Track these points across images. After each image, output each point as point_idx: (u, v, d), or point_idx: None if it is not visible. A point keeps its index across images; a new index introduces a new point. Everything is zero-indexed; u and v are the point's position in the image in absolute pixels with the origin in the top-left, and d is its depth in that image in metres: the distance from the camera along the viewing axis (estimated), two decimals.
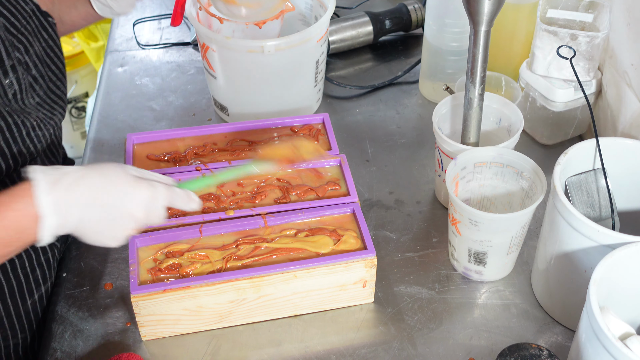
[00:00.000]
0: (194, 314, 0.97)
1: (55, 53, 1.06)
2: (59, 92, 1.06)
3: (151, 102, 1.40)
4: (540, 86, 1.22)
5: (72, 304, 1.04)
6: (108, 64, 1.50)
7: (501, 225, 0.99)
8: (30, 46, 1.00)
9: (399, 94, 1.42)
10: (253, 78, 1.24)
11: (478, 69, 1.04)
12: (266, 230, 1.01)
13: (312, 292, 1.00)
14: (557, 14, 1.20)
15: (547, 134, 1.27)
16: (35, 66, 1.01)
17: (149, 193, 0.83)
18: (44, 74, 1.03)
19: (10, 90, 0.95)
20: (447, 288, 1.06)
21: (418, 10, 1.52)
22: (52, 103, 1.04)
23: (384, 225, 1.15)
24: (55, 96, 1.05)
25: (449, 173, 1.03)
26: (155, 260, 0.97)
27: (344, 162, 1.11)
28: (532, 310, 1.03)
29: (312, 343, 0.99)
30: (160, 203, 0.85)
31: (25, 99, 0.98)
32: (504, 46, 1.31)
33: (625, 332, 0.80)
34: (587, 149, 1.00)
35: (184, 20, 1.58)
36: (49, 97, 1.04)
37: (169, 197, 0.86)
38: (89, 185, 0.81)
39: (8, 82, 0.94)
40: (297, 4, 1.35)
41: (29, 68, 1.00)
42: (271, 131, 1.16)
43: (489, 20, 1.00)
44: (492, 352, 0.97)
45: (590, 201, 1.00)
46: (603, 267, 0.83)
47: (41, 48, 1.03)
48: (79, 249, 1.12)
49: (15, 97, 0.96)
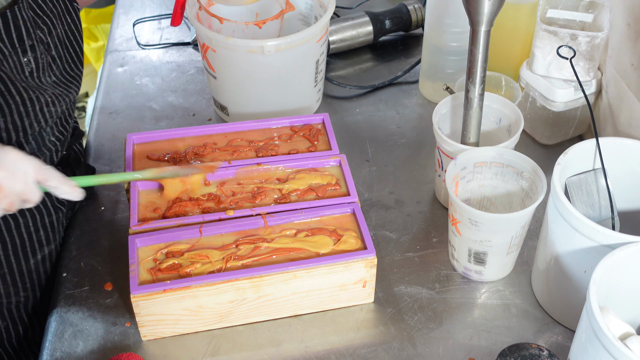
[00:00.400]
0: (194, 314, 0.97)
1: (75, 36, 1.10)
2: (75, 72, 1.11)
3: (151, 102, 1.40)
4: (540, 86, 1.22)
5: (72, 304, 1.04)
6: (108, 64, 1.50)
7: (501, 225, 0.99)
8: (53, 28, 1.04)
9: (399, 94, 1.42)
10: (253, 78, 1.24)
11: (478, 69, 1.04)
12: (266, 230, 1.01)
13: (312, 292, 1.00)
14: (557, 14, 1.20)
15: (547, 134, 1.27)
16: (55, 47, 1.05)
17: None
18: (63, 55, 1.07)
19: (27, 67, 0.99)
20: (447, 288, 1.06)
21: (418, 10, 1.52)
22: (67, 82, 1.08)
23: (384, 225, 1.15)
24: (70, 77, 1.09)
25: (449, 173, 1.03)
26: (155, 260, 0.97)
27: (344, 162, 1.11)
28: (532, 310, 1.03)
29: (312, 343, 0.99)
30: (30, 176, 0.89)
31: (42, 77, 1.02)
32: (504, 46, 1.31)
33: (625, 332, 0.80)
34: (587, 149, 1.00)
35: (184, 20, 1.58)
36: (64, 77, 1.08)
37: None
38: None
39: (26, 60, 0.99)
40: (297, 4, 1.35)
41: (50, 49, 1.03)
42: (271, 131, 1.16)
43: (489, 20, 1.00)
44: (492, 352, 0.97)
45: (590, 201, 1.00)
46: (603, 267, 0.83)
47: (63, 31, 1.07)
48: (79, 249, 1.12)
49: (32, 74, 1.00)
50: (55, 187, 0.91)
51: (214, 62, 1.25)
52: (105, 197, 1.20)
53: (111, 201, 1.19)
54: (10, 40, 0.96)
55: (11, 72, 0.97)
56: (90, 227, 1.16)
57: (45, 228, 1.10)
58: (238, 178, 1.09)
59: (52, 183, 0.91)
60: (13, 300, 1.09)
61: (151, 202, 1.05)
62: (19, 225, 1.07)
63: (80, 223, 1.16)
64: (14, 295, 1.09)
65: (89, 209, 1.19)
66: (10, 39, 0.96)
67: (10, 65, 0.97)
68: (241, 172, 1.09)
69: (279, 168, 1.10)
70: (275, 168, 1.10)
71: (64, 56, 1.08)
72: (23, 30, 0.97)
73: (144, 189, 1.07)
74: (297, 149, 1.13)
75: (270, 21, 1.24)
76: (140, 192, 1.06)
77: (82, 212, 1.18)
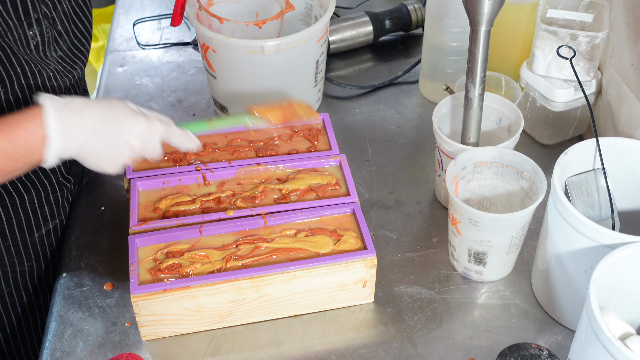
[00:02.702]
0: (194, 314, 0.97)
1: (83, 12, 1.12)
2: (83, 48, 1.13)
3: (151, 102, 1.40)
4: (540, 86, 1.22)
5: (72, 304, 1.04)
6: (108, 64, 1.50)
7: (501, 225, 0.99)
8: (59, 4, 1.05)
9: (399, 94, 1.42)
10: (253, 78, 1.24)
11: (478, 69, 1.04)
12: (266, 230, 1.01)
13: (312, 292, 1.00)
14: (557, 14, 1.20)
15: (547, 134, 1.27)
16: (61, 22, 1.07)
17: (145, 126, 0.91)
18: (69, 30, 1.09)
19: (32, 41, 1.01)
20: (447, 288, 1.06)
21: (418, 10, 1.52)
22: (74, 57, 1.11)
23: (384, 225, 1.15)
24: (78, 52, 1.11)
25: (449, 173, 1.03)
26: (155, 260, 0.97)
27: (344, 162, 1.11)
28: (532, 310, 1.03)
29: (312, 343, 0.99)
30: (156, 137, 0.92)
31: (47, 51, 1.04)
32: (504, 46, 1.31)
33: (625, 332, 0.80)
34: (587, 149, 1.00)
35: (184, 20, 1.58)
36: (71, 52, 1.10)
37: (164, 132, 0.93)
38: (92, 114, 0.88)
39: (32, 33, 1.01)
40: (297, 4, 1.35)
41: (55, 23, 1.05)
42: (271, 131, 1.16)
43: (489, 20, 1.00)
44: (492, 352, 0.97)
45: (590, 201, 1.00)
46: (603, 267, 0.83)
47: (70, 7, 1.09)
48: (79, 248, 1.12)
49: (37, 48, 1.02)
50: (179, 143, 0.95)
51: (214, 62, 1.25)
52: (105, 197, 1.20)
53: (111, 201, 1.19)
54: (16, 12, 0.97)
55: (15, 45, 0.98)
56: (90, 227, 1.16)
57: (50, 204, 1.13)
58: (238, 178, 1.09)
59: (175, 140, 0.94)
60: (18, 269, 1.13)
61: (151, 202, 1.05)
62: (24, 202, 1.09)
63: (80, 223, 1.16)
64: (19, 265, 1.13)
65: (89, 209, 1.19)
66: (16, 12, 0.97)
67: (15, 37, 0.98)
68: (241, 172, 1.09)
69: (279, 168, 1.10)
70: (275, 168, 1.10)
71: (71, 32, 1.09)
72: (28, 3, 0.99)
73: (144, 189, 1.07)
74: (297, 149, 1.13)
75: (270, 21, 1.24)
76: (140, 192, 1.07)
77: (82, 212, 1.18)
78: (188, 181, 1.08)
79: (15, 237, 1.10)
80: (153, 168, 1.09)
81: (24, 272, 1.14)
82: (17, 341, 1.18)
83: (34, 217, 1.12)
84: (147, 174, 1.08)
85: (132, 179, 1.07)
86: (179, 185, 1.07)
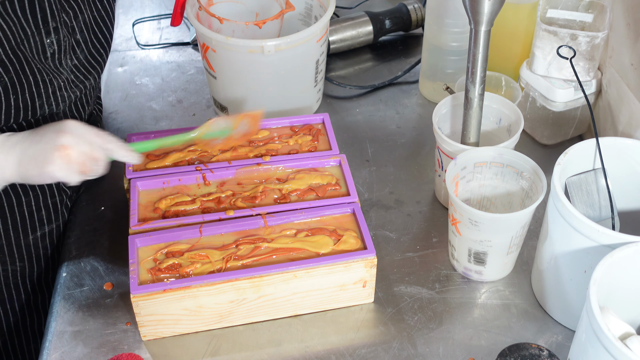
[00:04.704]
0: (194, 314, 0.97)
1: (105, 22, 1.12)
2: (100, 59, 1.13)
3: (151, 102, 1.40)
4: (540, 86, 1.22)
5: (72, 304, 1.04)
6: (108, 64, 1.50)
7: (501, 225, 0.99)
8: (80, 13, 1.05)
9: (399, 94, 1.42)
10: (253, 78, 1.24)
11: (478, 69, 1.04)
12: (266, 230, 1.01)
13: (312, 292, 1.00)
14: (557, 14, 1.20)
15: (547, 134, 1.27)
16: (80, 31, 1.07)
17: (59, 163, 0.91)
18: (88, 40, 1.09)
19: (49, 49, 1.01)
20: (447, 288, 1.06)
21: (418, 10, 1.52)
22: (89, 67, 1.11)
23: (384, 225, 1.15)
24: (94, 61, 1.12)
25: (449, 173, 1.03)
26: (155, 260, 0.97)
27: (344, 162, 1.11)
28: (532, 310, 1.03)
29: (312, 343, 0.99)
30: (74, 167, 0.92)
31: (63, 60, 1.04)
32: (504, 46, 1.31)
33: (625, 332, 0.80)
34: (587, 149, 1.00)
35: (184, 20, 1.58)
36: (87, 62, 1.10)
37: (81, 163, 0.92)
38: (14, 154, 0.92)
39: (49, 41, 1.01)
40: (297, 4, 1.35)
41: (74, 32, 1.05)
42: (271, 131, 1.16)
43: (489, 20, 1.00)
44: (492, 352, 0.97)
45: (590, 201, 1.00)
46: (603, 267, 0.83)
47: (91, 17, 1.09)
48: (79, 248, 1.12)
49: (53, 56, 1.02)
50: (113, 150, 0.95)
51: (214, 62, 1.25)
52: (105, 197, 1.20)
53: (111, 201, 1.19)
54: (34, 20, 0.97)
55: (30, 53, 0.98)
56: (90, 227, 1.16)
57: (47, 208, 1.13)
58: (238, 178, 1.09)
59: (110, 146, 0.95)
60: (9, 268, 1.14)
61: (151, 202, 1.05)
62: (21, 203, 1.10)
63: (80, 223, 1.16)
64: (10, 264, 1.13)
65: (89, 208, 1.19)
66: (34, 19, 0.97)
67: (32, 45, 0.98)
68: (241, 172, 1.09)
69: (279, 168, 1.10)
70: (275, 168, 1.10)
71: (89, 41, 1.09)
72: (48, 12, 0.98)
73: (144, 189, 1.07)
74: (297, 149, 1.13)
75: (270, 21, 1.24)
76: (140, 192, 1.07)
77: (82, 212, 1.18)
78: (188, 181, 1.08)
79: (9, 237, 1.11)
80: (153, 168, 1.09)
81: (16, 271, 1.14)
82: (15, 341, 1.18)
83: (30, 219, 1.12)
84: (147, 174, 1.08)
85: (132, 179, 1.07)
86: (179, 185, 1.07)
